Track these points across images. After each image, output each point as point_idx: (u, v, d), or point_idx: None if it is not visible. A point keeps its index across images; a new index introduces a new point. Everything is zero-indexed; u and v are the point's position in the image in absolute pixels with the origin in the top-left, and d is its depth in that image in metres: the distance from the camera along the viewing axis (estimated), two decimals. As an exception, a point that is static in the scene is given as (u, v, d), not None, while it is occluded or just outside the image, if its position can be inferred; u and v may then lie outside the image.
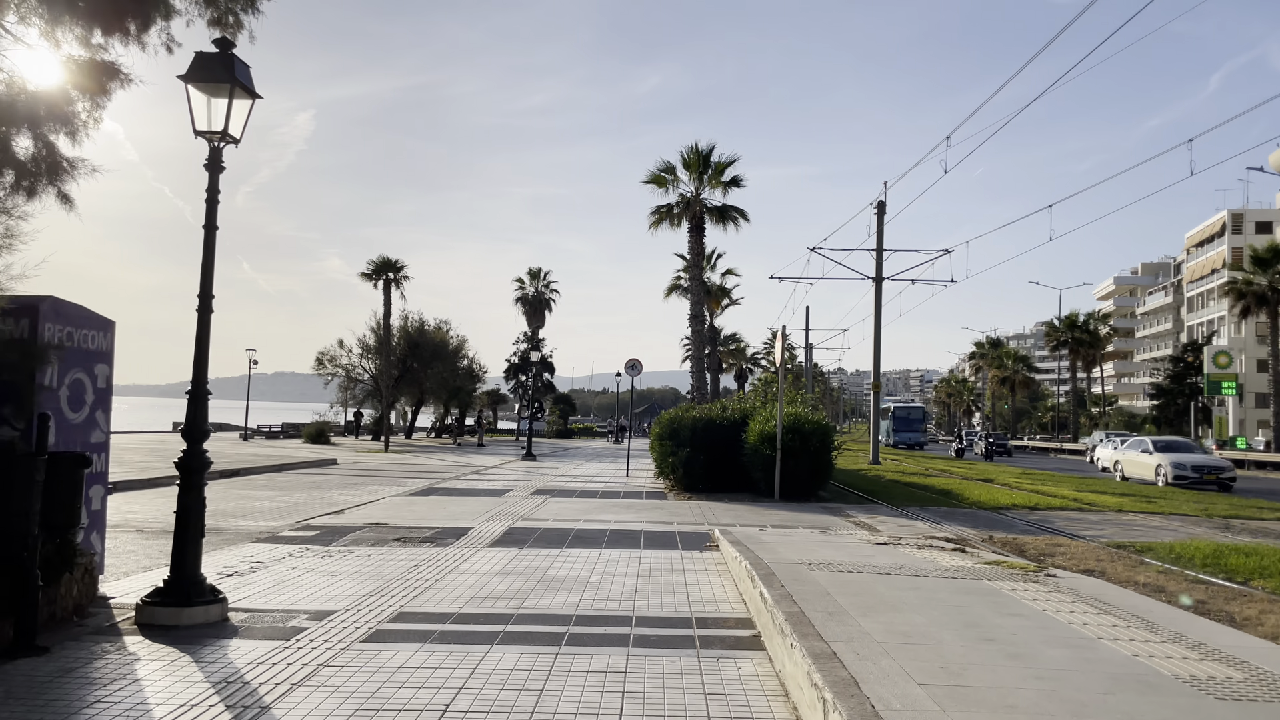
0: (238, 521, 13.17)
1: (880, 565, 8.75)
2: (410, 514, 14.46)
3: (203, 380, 7.04)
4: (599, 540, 11.86)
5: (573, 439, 66.00)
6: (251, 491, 17.81)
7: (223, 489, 18.13)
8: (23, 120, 6.42)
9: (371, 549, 10.71)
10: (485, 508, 15.62)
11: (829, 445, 18.96)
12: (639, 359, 27.38)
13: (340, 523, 13.11)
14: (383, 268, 39.17)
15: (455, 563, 9.84)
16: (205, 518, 7.24)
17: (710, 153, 36.59)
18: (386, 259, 39.11)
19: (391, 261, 39.19)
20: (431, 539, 11.67)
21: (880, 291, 34.77)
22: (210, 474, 20.47)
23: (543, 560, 10.12)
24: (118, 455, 24.84)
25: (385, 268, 39.26)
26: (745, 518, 14.91)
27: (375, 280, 38.44)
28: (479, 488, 20.48)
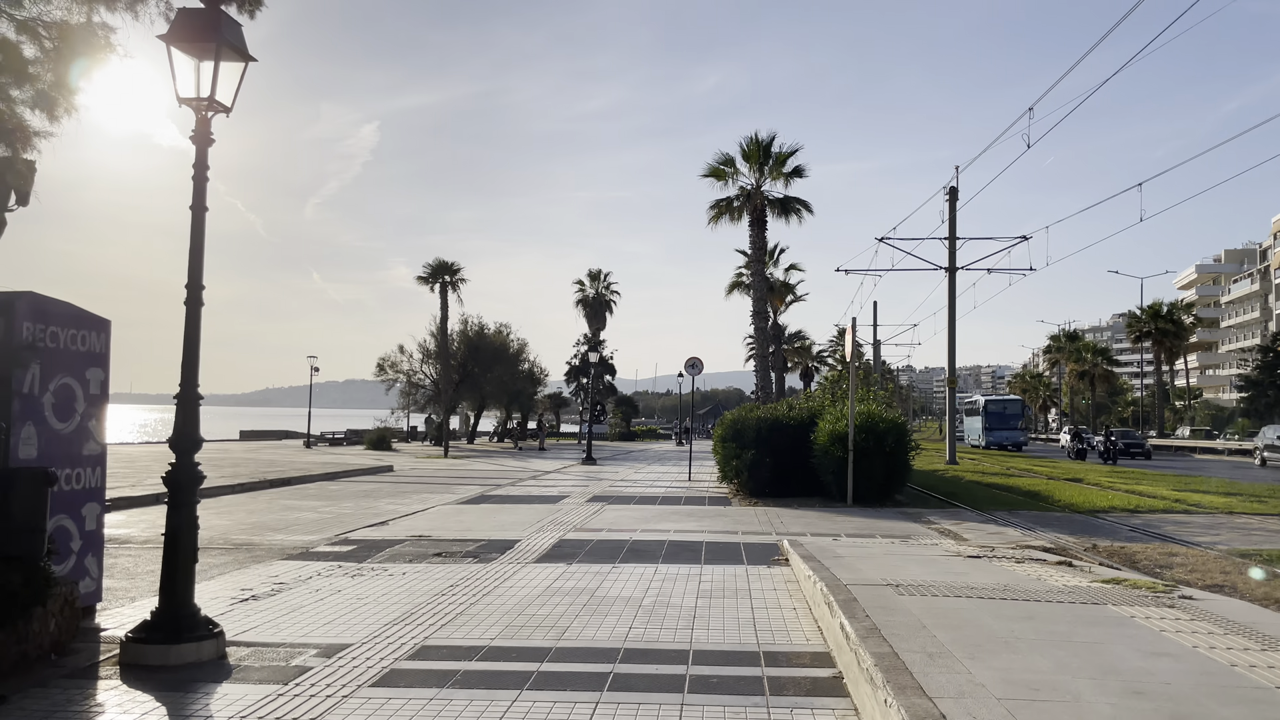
0: (274, 536, 12.42)
1: (980, 586, 7.53)
2: (457, 525, 13.58)
3: (193, 383, 6.16)
4: (656, 554, 10.80)
5: (635, 441, 65.06)
6: (298, 502, 17.16)
7: (269, 499, 17.53)
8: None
9: (407, 566, 9.82)
10: (536, 517, 14.68)
11: (905, 445, 17.64)
12: (699, 358, 26.27)
13: (381, 535, 12.28)
14: (439, 270, 38.70)
15: (495, 582, 8.87)
16: (198, 540, 6.35)
17: (770, 143, 35.30)
18: (443, 261, 38.67)
19: (448, 264, 38.70)
20: (474, 553, 10.74)
21: (954, 282, 33.10)
22: (261, 483, 20.06)
23: (592, 579, 9.09)
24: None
25: (442, 270, 38.78)
26: (816, 526, 13.71)
27: (432, 284, 38.00)
28: (533, 494, 19.57)
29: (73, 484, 6.81)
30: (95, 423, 7.08)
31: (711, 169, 35.79)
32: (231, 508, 15.98)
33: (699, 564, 10.07)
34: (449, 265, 38.02)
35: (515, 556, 10.54)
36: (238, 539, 11.94)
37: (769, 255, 48.14)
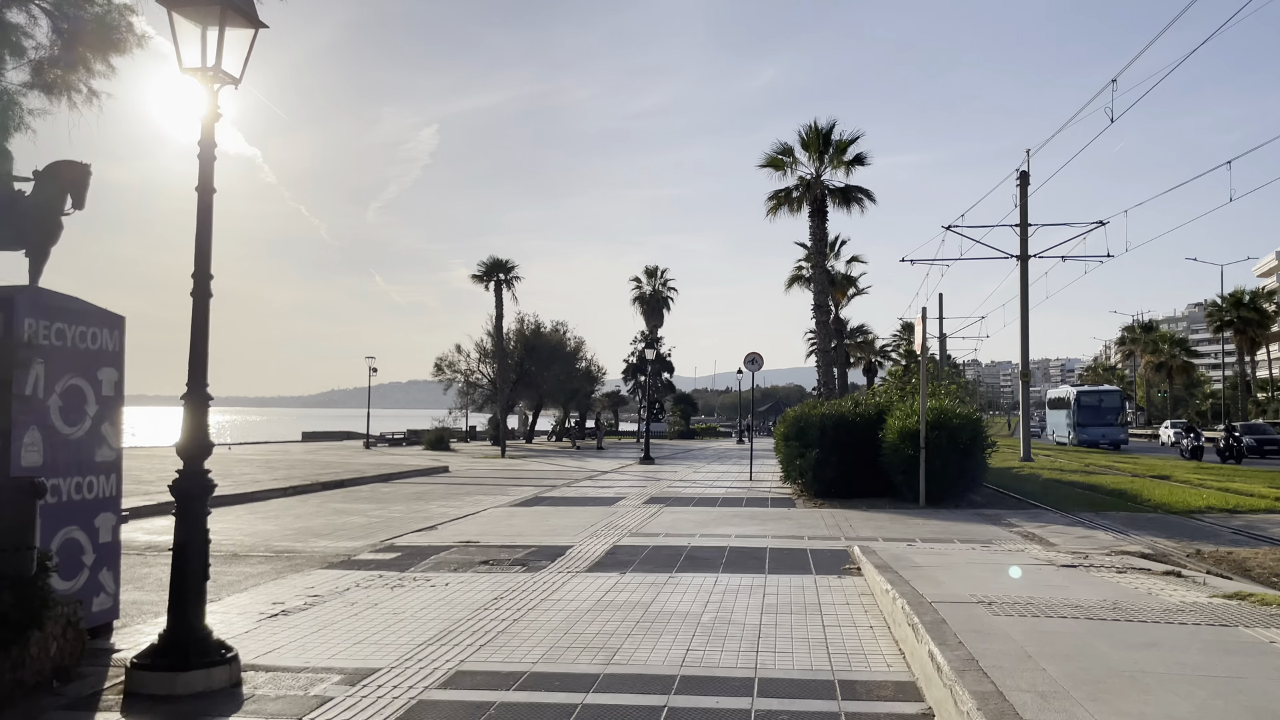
0: (317, 542, 11.96)
1: (1083, 603, 6.65)
2: (508, 529, 13.00)
3: (202, 382, 5.61)
4: (716, 562, 10.06)
5: (695, 440, 64.25)
6: (348, 505, 16.77)
7: (320, 503, 17.18)
8: None
9: (451, 576, 9.23)
10: (591, 520, 14.03)
11: (981, 442, 16.63)
12: (758, 353, 25.42)
13: (428, 541, 11.74)
14: (493, 269, 38.36)
15: (543, 594, 8.23)
16: (209, 556, 5.79)
17: (830, 130, 34.25)
18: (496, 259, 38.33)
19: (501, 262, 38.34)
20: (523, 561, 10.13)
21: (1026, 270, 31.70)
22: (314, 486, 19.75)
23: (647, 590, 8.40)
24: (238, 466, 24.51)
25: (496, 268, 38.45)
26: (888, 529, 12.84)
27: (487, 282, 37.65)
28: (588, 496, 18.96)
29: (83, 493, 6.33)
30: (109, 426, 6.58)
31: (769, 159, 34.87)
32: (280, 511, 15.63)
33: (763, 573, 9.31)
34: (503, 263, 37.66)
35: (565, 565, 9.90)
36: (280, 546, 11.51)
37: (830, 247, 46.97)
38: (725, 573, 9.35)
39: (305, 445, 46.56)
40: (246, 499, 16.84)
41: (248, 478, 20.97)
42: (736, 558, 10.33)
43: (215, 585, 8.84)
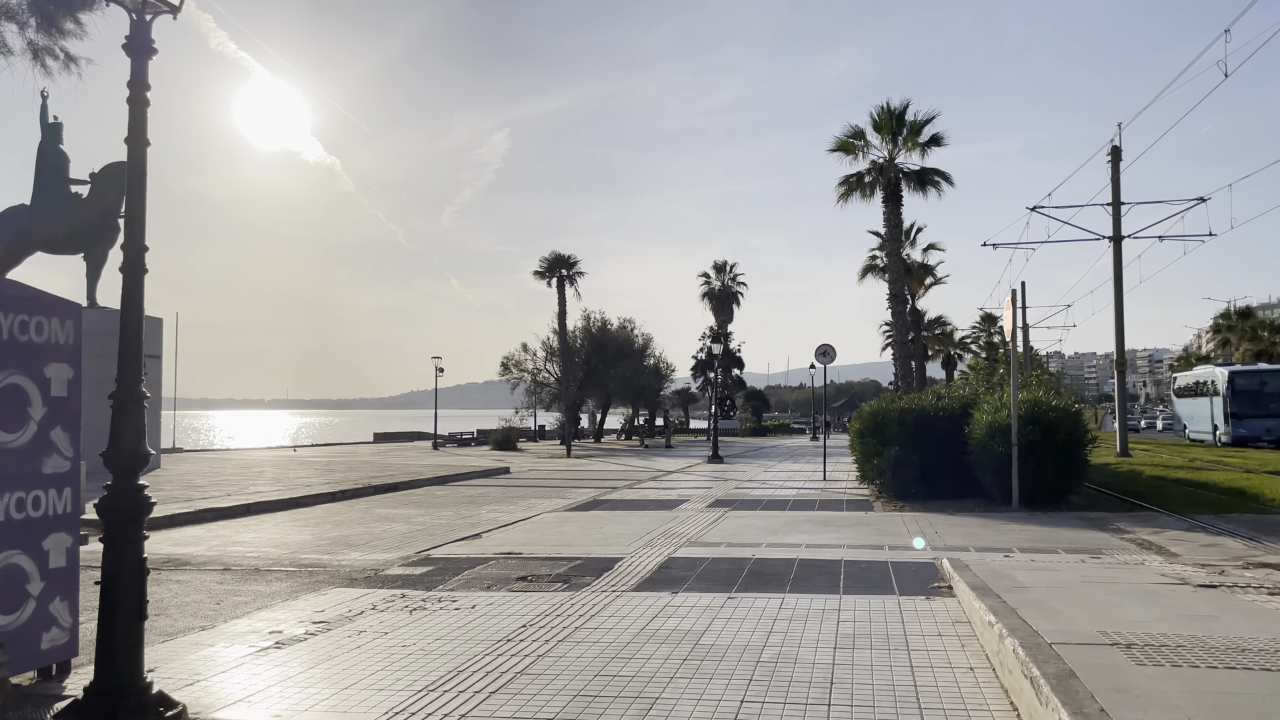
0: (348, 554, 11.02)
1: (1248, 642, 5.25)
2: (556, 537, 11.93)
3: (134, 377, 4.59)
4: (783, 578, 8.81)
5: (767, 437, 62.64)
6: (394, 510, 15.91)
7: (366, 508, 16.37)
8: None
9: (481, 595, 8.17)
10: (648, 527, 12.88)
11: (1081, 437, 15.00)
12: (830, 345, 23.96)
13: (466, 552, 10.73)
14: (555, 264, 37.47)
15: (579, 620, 7.11)
16: (146, 588, 4.77)
17: (904, 110, 32.52)
18: (559, 255, 37.42)
19: (564, 257, 37.44)
20: (564, 577, 9.02)
21: (1120, 252, 29.49)
22: (365, 489, 18.95)
23: (699, 617, 7.20)
24: (297, 469, 24.02)
25: (558, 264, 37.57)
26: (979, 537, 11.41)
27: (549, 278, 36.73)
28: (650, 499, 17.83)
29: (27, 511, 5.39)
30: (61, 432, 5.64)
31: (840, 143, 33.30)
32: (322, 518, 14.84)
33: (837, 593, 8.03)
34: (565, 258, 36.70)
35: (612, 582, 8.75)
36: (307, 559, 10.61)
37: (905, 235, 45.05)
38: (793, 592, 8.10)
39: (374, 446, 46.43)
40: (290, 505, 16.11)
41: (299, 481, 20.35)
42: (807, 573, 9.07)
43: (220, 607, 7.95)
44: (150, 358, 24.01)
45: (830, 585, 8.42)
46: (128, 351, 4.56)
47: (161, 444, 31.26)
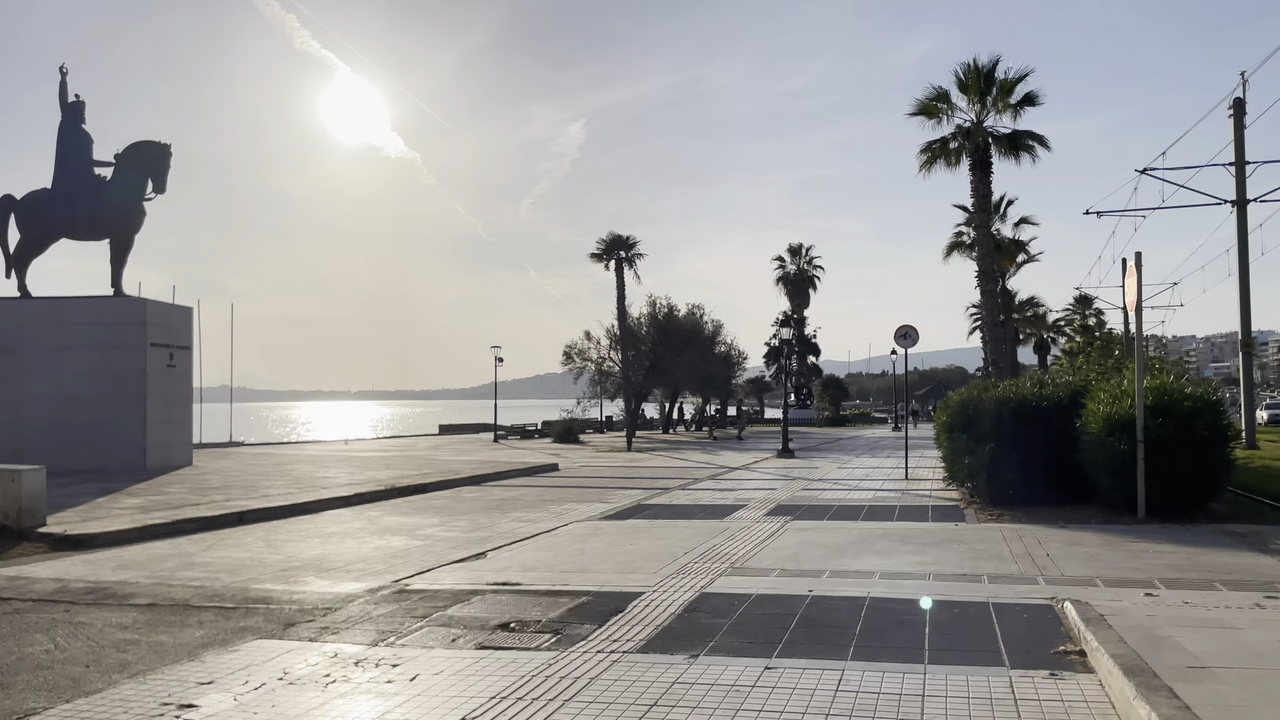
0: (310, 584, 9.05)
1: None
2: (573, 559, 9.83)
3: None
4: (846, 631, 6.53)
5: (845, 427, 59.59)
6: (406, 519, 14.00)
7: (376, 514, 14.52)
8: None
9: (437, 654, 6.12)
10: (688, 544, 10.68)
11: (1224, 431, 12.29)
12: (912, 326, 21.35)
13: (456, 581, 8.70)
14: (613, 245, 35.25)
15: (547, 709, 4.95)
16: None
17: (993, 68, 29.43)
18: (616, 235, 35.14)
19: (622, 238, 35.15)
20: (558, 625, 6.90)
21: (1245, 218, 26.06)
22: (387, 492, 17.06)
23: (720, 702, 4.99)
24: (336, 466, 22.45)
25: (616, 245, 35.35)
26: (1106, 561, 8.91)
27: (606, 260, 34.44)
28: (701, 503, 15.63)
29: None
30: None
31: (921, 105, 30.33)
32: (320, 526, 13.03)
33: (920, 663, 5.72)
34: (624, 239, 34.36)
35: (616, 633, 6.60)
36: (259, 589, 8.68)
37: (995, 208, 41.72)
38: (856, 660, 5.82)
39: (435, 439, 45.11)
40: (290, 512, 14.34)
41: (321, 482, 18.67)
42: (879, 622, 6.76)
43: (88, 671, 5.99)
44: (179, 348, 22.69)
45: (911, 646, 6.10)
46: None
47: (200, 438, 30.18)
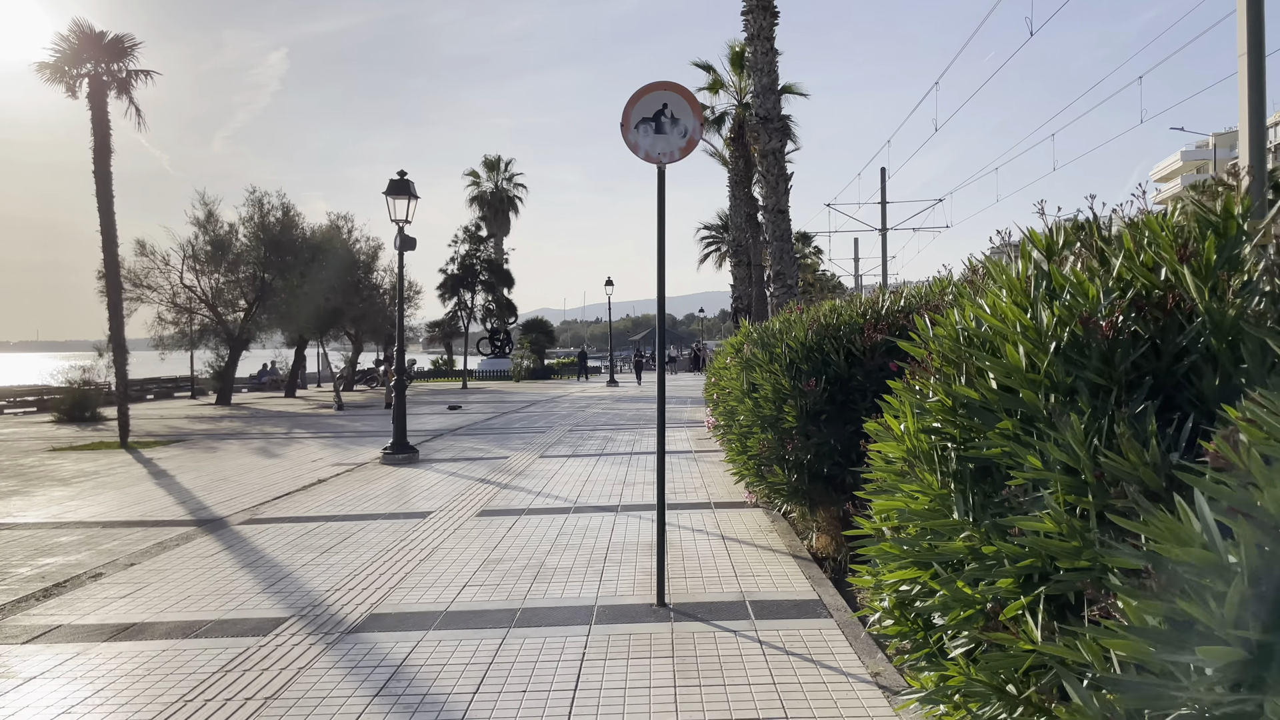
0: None
1: None
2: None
3: None
4: None
5: (552, 380, 46.92)
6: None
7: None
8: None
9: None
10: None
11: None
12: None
13: None
14: (81, 50, 18.21)
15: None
16: None
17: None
18: (87, 31, 18.17)
19: (98, 35, 18.12)
20: None
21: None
22: None
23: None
24: None
25: (85, 47, 18.34)
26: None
27: (72, 82, 17.82)
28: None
29: None
30: None
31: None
32: None
33: None
34: (100, 36, 17.58)
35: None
36: None
37: (739, 60, 29.86)
38: None
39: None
40: None
41: None
42: None
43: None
44: None
45: None
46: None
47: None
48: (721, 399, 9.28)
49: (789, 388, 6.18)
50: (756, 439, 6.56)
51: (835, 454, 6.08)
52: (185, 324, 30.66)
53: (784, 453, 6.30)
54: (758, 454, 6.54)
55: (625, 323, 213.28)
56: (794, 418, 6.14)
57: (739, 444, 7.06)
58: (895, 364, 3.40)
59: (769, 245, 17.28)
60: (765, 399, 6.43)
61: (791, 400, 6.17)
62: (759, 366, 6.59)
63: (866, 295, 7.05)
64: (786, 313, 7.29)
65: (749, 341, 7.16)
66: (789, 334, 6.54)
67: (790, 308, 7.84)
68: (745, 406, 6.71)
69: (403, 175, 13.62)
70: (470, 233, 42.18)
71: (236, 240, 30.42)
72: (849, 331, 6.24)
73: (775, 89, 16.89)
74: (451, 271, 41.32)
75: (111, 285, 16.82)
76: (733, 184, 29.50)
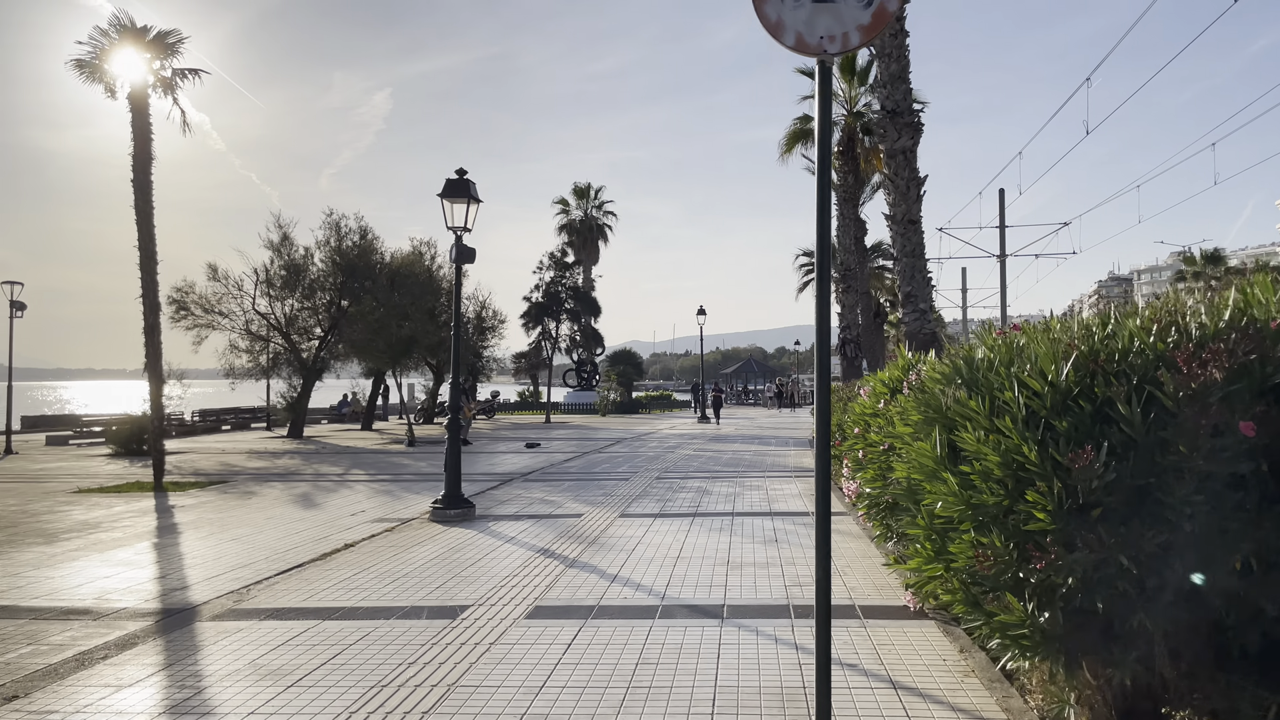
0: None
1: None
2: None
3: None
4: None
5: (641, 415, 44.49)
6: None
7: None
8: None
9: None
10: None
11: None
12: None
13: None
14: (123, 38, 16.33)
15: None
16: None
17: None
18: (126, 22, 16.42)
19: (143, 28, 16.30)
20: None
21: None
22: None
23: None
24: None
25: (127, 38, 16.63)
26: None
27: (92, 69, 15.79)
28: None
29: None
30: None
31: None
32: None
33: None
34: (148, 32, 15.94)
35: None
36: None
37: (856, 75, 27.05)
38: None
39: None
40: None
41: None
42: None
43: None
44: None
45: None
46: None
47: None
48: (872, 456, 6.66)
49: (1035, 461, 3.57)
50: (966, 543, 3.94)
51: (1124, 576, 3.43)
52: (258, 352, 29.30)
53: (1024, 571, 3.67)
54: (971, 568, 3.92)
55: (715, 355, 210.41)
56: (1047, 512, 3.52)
57: (929, 541, 4.45)
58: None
59: (898, 262, 14.48)
60: (986, 477, 3.82)
61: (1041, 481, 3.55)
62: (971, 422, 3.98)
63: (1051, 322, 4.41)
64: (996, 335, 4.67)
65: (943, 380, 4.56)
66: (1021, 369, 3.93)
67: (987, 329, 5.20)
68: (944, 488, 4.11)
69: (462, 174, 11.40)
70: (556, 259, 40.24)
71: (312, 265, 28.99)
72: (1144, 365, 3.60)
73: (906, 77, 14.21)
74: (536, 299, 39.37)
75: (149, 307, 15.04)
76: (841, 202, 26.77)
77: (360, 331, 28.24)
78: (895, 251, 14.54)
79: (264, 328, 28.97)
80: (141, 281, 15.13)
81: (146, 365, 15.21)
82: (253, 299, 28.41)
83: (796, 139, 27.62)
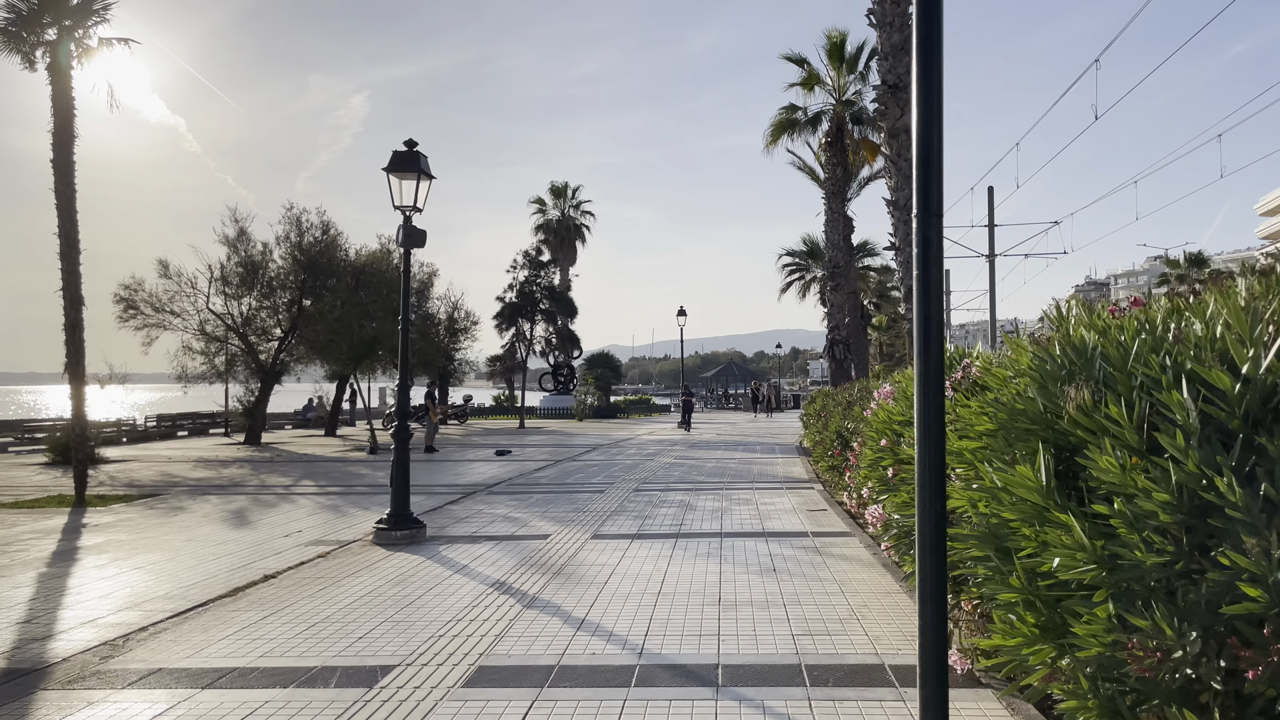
0: None
1: None
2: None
3: None
4: None
5: (618, 419, 43.04)
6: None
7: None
8: None
9: None
10: None
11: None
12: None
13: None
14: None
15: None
16: None
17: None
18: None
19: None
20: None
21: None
22: None
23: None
24: None
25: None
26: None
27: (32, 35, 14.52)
28: None
29: None
30: None
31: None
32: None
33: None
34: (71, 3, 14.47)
35: None
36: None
37: (847, 60, 25.74)
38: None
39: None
40: None
41: None
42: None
43: None
44: None
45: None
46: None
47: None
48: (907, 475, 5.32)
49: (1239, 500, 2.22)
50: (1101, 622, 2.59)
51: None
52: (213, 354, 27.67)
53: (1211, 673, 2.32)
54: (1111, 661, 2.57)
55: (694, 359, 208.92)
56: (1259, 583, 2.18)
57: (1030, 612, 3.09)
58: None
59: (900, 253, 13.18)
60: (1138, 523, 2.47)
61: (1248, 534, 2.21)
62: (1111, 439, 2.63)
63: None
64: (1109, 312, 3.33)
65: (1041, 374, 3.20)
66: (1180, 362, 2.59)
67: (1076, 305, 3.86)
68: (1062, 537, 2.76)
69: (411, 146, 9.97)
70: (531, 258, 38.75)
71: (271, 262, 27.42)
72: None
73: (909, 48, 12.95)
74: (510, 299, 37.89)
75: (70, 301, 13.48)
76: (828, 197, 25.49)
77: (320, 332, 26.69)
78: (898, 241, 13.24)
79: (219, 328, 27.35)
80: (62, 272, 13.57)
81: (67, 366, 13.64)
82: (207, 297, 26.82)
83: (783, 129, 26.32)
